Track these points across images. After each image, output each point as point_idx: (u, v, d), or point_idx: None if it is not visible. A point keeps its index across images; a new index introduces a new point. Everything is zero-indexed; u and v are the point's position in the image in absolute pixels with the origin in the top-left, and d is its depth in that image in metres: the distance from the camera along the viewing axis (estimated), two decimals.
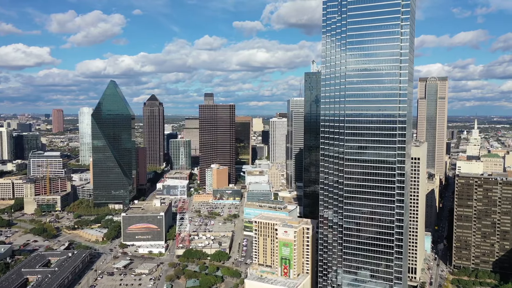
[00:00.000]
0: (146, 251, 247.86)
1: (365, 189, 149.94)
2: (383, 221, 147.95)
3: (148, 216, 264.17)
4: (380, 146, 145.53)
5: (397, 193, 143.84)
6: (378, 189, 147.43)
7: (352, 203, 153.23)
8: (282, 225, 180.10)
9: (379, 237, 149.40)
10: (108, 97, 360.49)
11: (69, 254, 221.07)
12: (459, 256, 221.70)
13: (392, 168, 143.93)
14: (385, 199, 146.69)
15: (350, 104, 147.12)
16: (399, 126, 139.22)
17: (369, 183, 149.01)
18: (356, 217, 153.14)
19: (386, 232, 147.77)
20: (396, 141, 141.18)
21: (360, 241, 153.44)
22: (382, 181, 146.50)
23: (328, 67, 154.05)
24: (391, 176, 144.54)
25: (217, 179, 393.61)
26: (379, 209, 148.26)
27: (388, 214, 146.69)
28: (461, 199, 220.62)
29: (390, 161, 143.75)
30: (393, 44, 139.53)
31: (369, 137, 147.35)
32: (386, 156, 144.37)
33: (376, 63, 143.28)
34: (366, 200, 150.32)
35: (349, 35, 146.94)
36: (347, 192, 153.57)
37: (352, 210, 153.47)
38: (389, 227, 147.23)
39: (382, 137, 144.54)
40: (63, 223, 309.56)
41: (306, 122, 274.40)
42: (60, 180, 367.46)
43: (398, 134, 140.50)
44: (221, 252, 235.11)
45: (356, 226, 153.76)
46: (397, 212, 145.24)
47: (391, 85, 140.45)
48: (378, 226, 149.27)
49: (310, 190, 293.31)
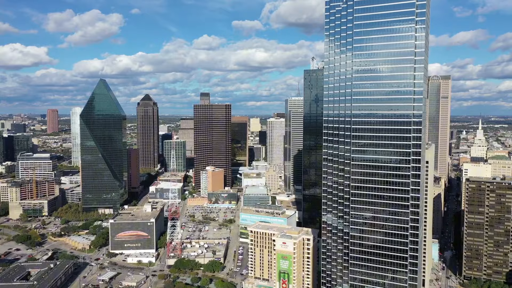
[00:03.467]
0: (135, 261, 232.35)
1: (375, 194, 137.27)
2: (396, 228, 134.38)
3: (138, 222, 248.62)
4: (392, 147, 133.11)
5: (411, 196, 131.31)
6: (390, 193, 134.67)
7: (359, 208, 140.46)
8: (280, 235, 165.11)
9: (390, 246, 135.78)
10: (98, 96, 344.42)
11: (51, 266, 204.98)
12: (469, 266, 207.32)
13: (406, 171, 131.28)
14: (398, 204, 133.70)
15: (357, 104, 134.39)
16: (414, 128, 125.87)
17: (379, 186, 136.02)
18: (363, 224, 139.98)
19: (399, 241, 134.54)
20: (411, 144, 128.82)
21: (368, 250, 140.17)
22: (394, 186, 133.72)
23: (332, 66, 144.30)
24: (405, 179, 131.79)
25: (212, 182, 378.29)
26: (391, 215, 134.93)
27: (402, 221, 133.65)
28: (471, 205, 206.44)
29: (404, 163, 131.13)
30: (407, 41, 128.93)
31: (380, 140, 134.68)
32: (400, 158, 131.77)
33: (387, 62, 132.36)
34: (376, 205, 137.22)
35: (356, 31, 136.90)
36: (354, 196, 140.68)
37: (360, 215, 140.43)
38: (402, 235, 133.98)
39: (395, 140, 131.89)
40: (49, 229, 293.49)
41: (305, 122, 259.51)
42: (47, 183, 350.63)
43: (413, 136, 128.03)
44: (215, 262, 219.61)
45: (363, 234, 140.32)
46: (412, 219, 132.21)
47: (404, 83, 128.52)
48: (390, 234, 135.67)
49: (310, 193, 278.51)
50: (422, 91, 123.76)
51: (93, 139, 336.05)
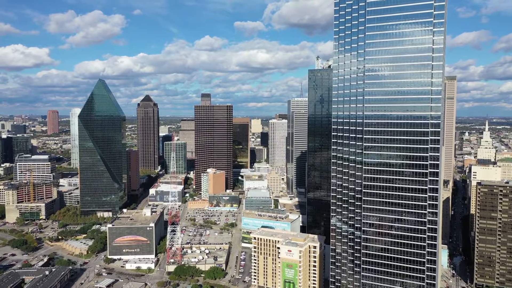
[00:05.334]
0: (133, 267, 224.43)
1: (389, 197, 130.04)
2: (412, 234, 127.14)
3: (137, 227, 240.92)
4: (408, 151, 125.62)
5: (429, 201, 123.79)
6: (405, 197, 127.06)
7: (371, 213, 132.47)
8: (285, 243, 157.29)
9: (406, 252, 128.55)
10: (97, 97, 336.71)
11: (46, 273, 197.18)
12: (481, 274, 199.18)
13: (423, 176, 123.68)
14: (415, 209, 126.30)
15: (370, 104, 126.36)
16: (431, 130, 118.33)
17: (394, 189, 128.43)
18: (376, 229, 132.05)
19: (415, 248, 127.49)
20: (429, 147, 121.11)
21: (381, 257, 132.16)
22: (411, 189, 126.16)
23: (342, 65, 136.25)
24: (422, 185, 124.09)
25: (214, 185, 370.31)
26: (406, 220, 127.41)
27: (419, 226, 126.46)
28: (483, 210, 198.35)
29: (421, 168, 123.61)
30: (424, 41, 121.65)
31: (394, 142, 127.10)
32: (416, 162, 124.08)
33: (403, 60, 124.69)
34: (390, 210, 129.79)
35: (368, 31, 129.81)
36: (366, 199, 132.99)
37: (372, 220, 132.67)
38: (419, 241, 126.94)
39: (411, 143, 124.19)
40: (46, 234, 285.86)
41: (310, 124, 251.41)
42: (45, 185, 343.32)
43: (431, 138, 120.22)
44: (216, 269, 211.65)
45: (376, 240, 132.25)
46: (430, 224, 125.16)
47: (422, 83, 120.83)
48: (405, 240, 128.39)
49: (314, 196, 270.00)
50: (440, 91, 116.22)
51: (92, 140, 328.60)
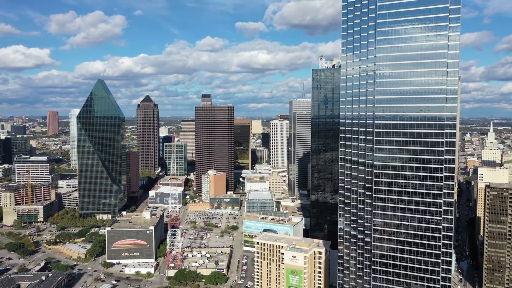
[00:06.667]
0: (133, 271, 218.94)
1: (401, 200, 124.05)
2: (427, 238, 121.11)
3: (136, 230, 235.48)
4: (421, 153, 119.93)
5: (444, 210, 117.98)
6: (419, 199, 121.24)
7: (382, 216, 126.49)
8: (289, 248, 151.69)
9: (420, 256, 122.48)
10: (96, 97, 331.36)
11: (43, 278, 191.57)
12: (490, 279, 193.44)
13: (438, 180, 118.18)
14: (429, 212, 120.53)
15: (381, 104, 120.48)
16: (447, 132, 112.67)
17: (407, 195, 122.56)
18: (387, 233, 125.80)
19: (430, 252, 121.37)
20: (444, 150, 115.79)
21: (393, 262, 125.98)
22: (425, 195, 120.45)
23: (350, 63, 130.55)
24: (437, 190, 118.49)
25: (214, 186, 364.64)
26: (421, 223, 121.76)
27: (434, 230, 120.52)
28: (492, 213, 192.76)
29: (435, 172, 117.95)
30: (440, 40, 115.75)
31: (407, 145, 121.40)
32: (431, 165, 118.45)
33: (416, 58, 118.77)
34: (402, 213, 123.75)
35: (379, 25, 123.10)
36: (377, 202, 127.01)
37: (382, 224, 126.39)
38: (434, 245, 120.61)
39: (425, 145, 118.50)
40: (44, 237, 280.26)
41: (313, 124, 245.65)
42: (43, 187, 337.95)
43: (446, 140, 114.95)
44: (218, 274, 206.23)
45: (388, 249, 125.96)
46: (445, 227, 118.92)
47: (436, 82, 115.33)
48: (419, 244, 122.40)
49: (318, 198, 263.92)
50: (455, 90, 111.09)
51: (91, 141, 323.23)
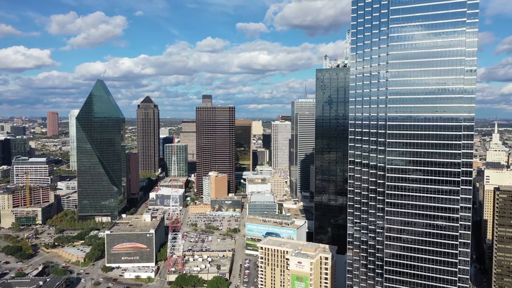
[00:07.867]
0: (132, 276, 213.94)
1: (415, 204, 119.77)
2: (443, 243, 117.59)
3: (137, 234, 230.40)
4: (438, 156, 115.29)
5: (461, 216, 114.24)
6: (435, 209, 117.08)
7: (395, 220, 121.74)
8: (295, 253, 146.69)
9: (436, 261, 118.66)
10: (96, 98, 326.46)
11: (40, 283, 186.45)
12: (500, 285, 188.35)
13: (455, 185, 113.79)
14: (446, 217, 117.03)
15: (394, 105, 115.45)
16: (464, 133, 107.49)
17: (421, 201, 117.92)
18: (400, 238, 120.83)
19: (447, 256, 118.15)
20: (461, 153, 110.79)
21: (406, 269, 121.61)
22: (442, 200, 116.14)
23: (360, 64, 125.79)
24: (454, 195, 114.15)
25: (216, 188, 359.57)
26: (436, 228, 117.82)
27: (450, 235, 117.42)
28: (502, 217, 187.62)
29: (452, 176, 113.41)
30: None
31: (422, 147, 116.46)
32: (447, 169, 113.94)
33: (432, 56, 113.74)
34: (417, 217, 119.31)
35: (392, 23, 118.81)
36: (389, 206, 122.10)
37: (395, 229, 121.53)
38: (451, 251, 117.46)
39: (442, 147, 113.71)
40: (43, 240, 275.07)
41: (317, 125, 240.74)
42: (42, 189, 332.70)
43: (464, 143, 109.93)
44: (220, 278, 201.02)
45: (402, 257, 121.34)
46: (462, 243, 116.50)
47: (453, 81, 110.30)
48: (435, 250, 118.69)
49: (322, 201, 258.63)
50: (474, 90, 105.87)
51: (90, 142, 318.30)
